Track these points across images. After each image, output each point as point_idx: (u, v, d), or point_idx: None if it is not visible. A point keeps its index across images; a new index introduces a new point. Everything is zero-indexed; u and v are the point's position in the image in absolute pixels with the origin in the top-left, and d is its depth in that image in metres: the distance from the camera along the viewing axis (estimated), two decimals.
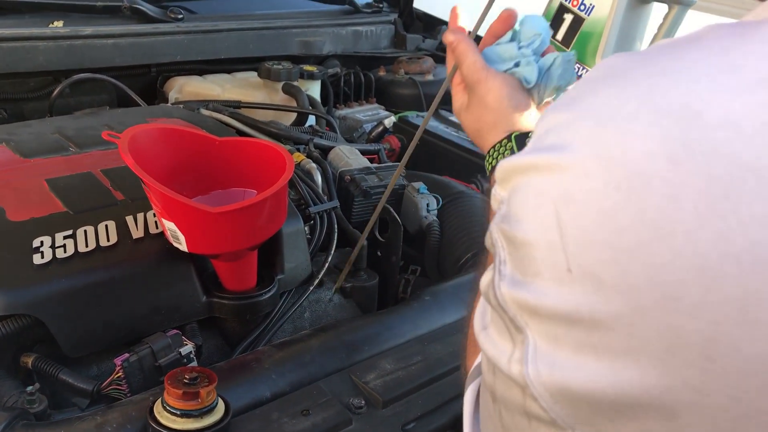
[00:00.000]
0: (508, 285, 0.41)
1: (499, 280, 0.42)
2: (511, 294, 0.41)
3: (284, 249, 1.05)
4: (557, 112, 0.42)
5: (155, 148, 0.97)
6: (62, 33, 1.48)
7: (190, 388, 0.73)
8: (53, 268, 0.88)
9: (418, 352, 0.91)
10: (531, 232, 0.40)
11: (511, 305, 0.41)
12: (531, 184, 0.41)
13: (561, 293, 0.38)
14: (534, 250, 0.39)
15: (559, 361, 0.38)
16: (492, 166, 0.82)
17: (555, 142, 0.40)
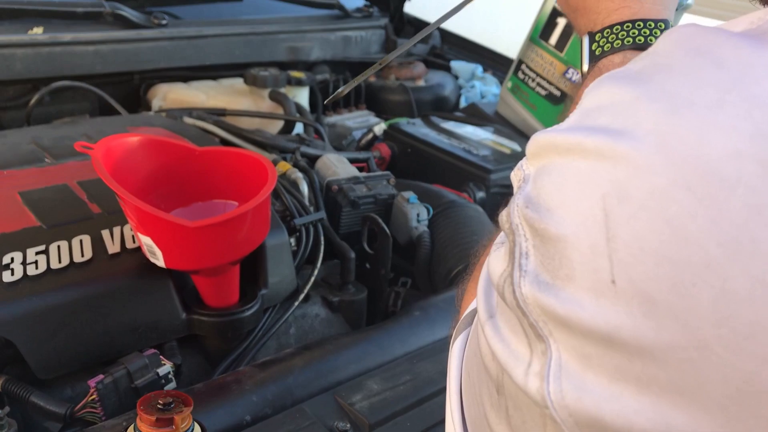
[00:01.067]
0: (532, 285, 0.34)
1: (520, 277, 0.35)
2: (534, 296, 0.34)
3: (268, 263, 1.01)
4: (616, 85, 0.35)
5: (132, 159, 0.94)
6: (41, 40, 1.44)
7: (164, 414, 0.69)
8: (24, 286, 0.85)
9: (406, 371, 0.87)
10: (568, 227, 0.33)
11: (533, 309, 0.34)
12: (573, 168, 0.34)
13: (600, 307, 0.31)
14: (570, 250, 0.33)
15: (589, 385, 0.32)
16: (619, 45, 0.65)
17: (611, 124, 0.34)
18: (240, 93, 1.62)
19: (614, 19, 0.65)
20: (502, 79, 1.87)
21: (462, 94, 2.00)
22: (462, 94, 2.00)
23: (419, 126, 1.65)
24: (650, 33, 0.63)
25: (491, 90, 1.99)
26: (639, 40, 0.63)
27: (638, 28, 0.64)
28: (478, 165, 1.45)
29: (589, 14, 0.68)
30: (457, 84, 2.02)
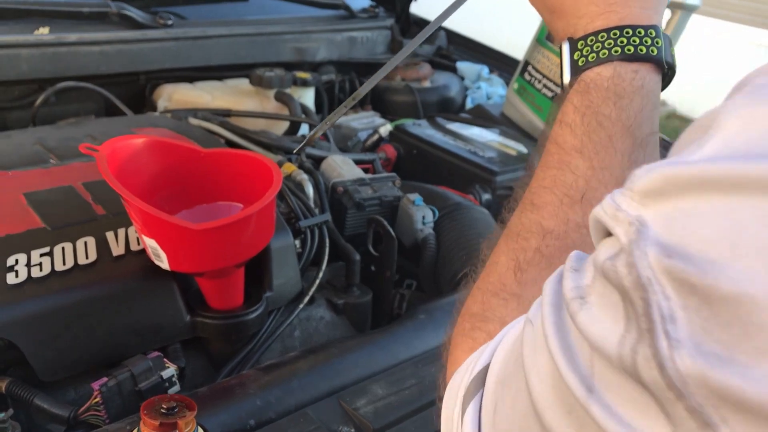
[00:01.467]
0: (695, 359, 0.27)
1: (669, 348, 0.28)
2: (702, 374, 0.27)
3: (273, 265, 1.01)
4: None
5: (137, 161, 0.93)
6: (47, 40, 1.44)
7: (168, 418, 0.69)
8: (28, 288, 0.84)
9: (411, 375, 0.87)
10: (754, 285, 0.26)
11: (698, 389, 0.27)
12: (747, 208, 0.27)
13: None
14: (762, 314, 0.26)
15: None
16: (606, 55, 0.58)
17: None
18: (245, 94, 1.62)
19: (599, 25, 0.59)
20: (508, 80, 1.86)
21: (468, 96, 1.99)
22: (468, 95, 1.99)
23: (425, 127, 1.64)
24: (640, 42, 0.57)
25: (497, 91, 1.98)
26: (628, 50, 0.57)
27: (627, 36, 0.57)
28: (483, 167, 1.45)
29: (568, 17, 0.61)
30: (463, 85, 2.01)
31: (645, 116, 0.57)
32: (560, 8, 0.61)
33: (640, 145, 0.57)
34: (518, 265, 0.55)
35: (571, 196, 0.55)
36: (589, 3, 0.59)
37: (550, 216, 0.56)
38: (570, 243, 0.55)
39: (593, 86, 0.57)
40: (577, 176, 0.56)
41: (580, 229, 0.55)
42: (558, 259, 0.53)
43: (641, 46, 0.56)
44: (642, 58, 0.57)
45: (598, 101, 0.57)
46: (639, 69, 0.57)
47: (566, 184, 0.56)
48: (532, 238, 0.56)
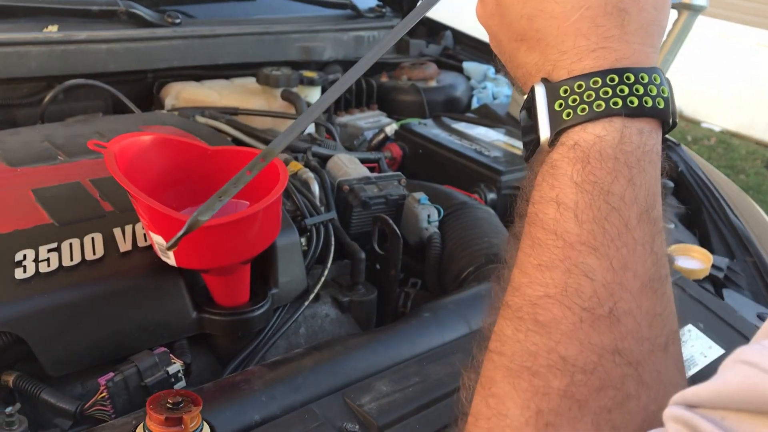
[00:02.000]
0: None
1: None
2: None
3: (278, 262, 1.01)
4: None
5: (144, 158, 0.94)
6: (56, 38, 1.45)
7: (173, 413, 0.69)
8: (36, 283, 0.85)
9: (415, 373, 0.87)
10: None
11: None
12: None
13: None
14: None
15: None
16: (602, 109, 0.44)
17: None
18: (252, 92, 1.62)
19: (590, 66, 0.45)
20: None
21: (474, 95, 1.99)
22: (474, 95, 2.00)
23: (431, 127, 1.65)
24: (645, 91, 0.44)
25: (503, 91, 1.98)
26: (631, 102, 0.44)
27: (628, 82, 0.44)
28: (489, 166, 1.45)
29: (545, 50, 0.47)
30: (468, 85, 2.02)
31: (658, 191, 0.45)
32: (534, 37, 0.48)
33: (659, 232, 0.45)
34: (542, 417, 0.41)
35: (593, 311, 0.42)
36: (577, 34, 0.45)
37: (568, 340, 0.42)
38: (606, 379, 0.41)
39: (594, 154, 0.44)
40: (595, 282, 0.42)
41: (614, 357, 0.41)
42: (595, 404, 0.41)
43: (646, 97, 0.44)
44: (648, 114, 0.45)
45: (606, 176, 0.43)
46: (645, 128, 0.45)
47: (583, 293, 0.42)
48: (552, 375, 0.42)
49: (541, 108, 0.47)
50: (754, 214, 1.55)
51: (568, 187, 0.44)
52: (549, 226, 0.44)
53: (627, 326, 0.41)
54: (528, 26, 0.48)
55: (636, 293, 0.41)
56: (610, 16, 0.45)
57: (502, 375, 0.43)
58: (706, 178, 1.56)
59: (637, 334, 0.41)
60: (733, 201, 1.53)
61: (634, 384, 0.40)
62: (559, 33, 0.46)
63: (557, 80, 0.46)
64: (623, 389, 0.40)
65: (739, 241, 1.39)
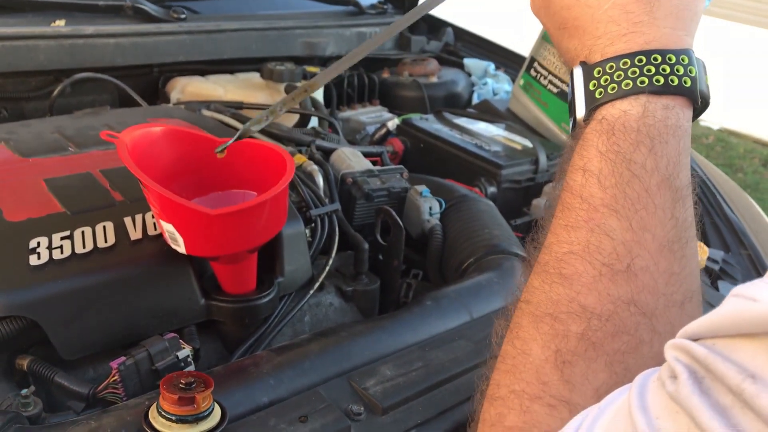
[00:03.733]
0: None
1: None
2: None
3: (284, 252, 1.04)
4: None
5: (154, 149, 0.96)
6: (64, 32, 1.47)
7: (186, 393, 0.72)
8: (50, 270, 0.87)
9: (418, 358, 0.90)
10: None
11: None
12: None
13: None
14: None
15: None
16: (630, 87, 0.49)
17: None
18: (256, 87, 1.65)
19: (620, 49, 0.50)
20: (514, 76, 1.89)
21: (474, 91, 2.02)
22: (474, 91, 2.02)
23: (432, 122, 1.67)
24: (671, 71, 0.48)
25: (503, 87, 2.01)
26: (657, 81, 0.48)
27: (655, 63, 0.48)
28: (489, 160, 1.48)
29: (582, 37, 0.52)
30: (469, 81, 2.04)
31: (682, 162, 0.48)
32: (573, 24, 0.52)
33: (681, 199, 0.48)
34: (560, 356, 0.46)
35: (612, 267, 0.46)
36: (609, 21, 0.50)
37: (588, 291, 0.46)
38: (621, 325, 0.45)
39: (619, 126, 0.48)
40: (614, 241, 0.46)
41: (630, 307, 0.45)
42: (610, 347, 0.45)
43: (672, 77, 0.48)
44: (673, 91, 0.48)
45: (628, 146, 0.47)
46: (670, 104, 0.48)
47: (603, 250, 0.46)
48: (571, 321, 0.46)
49: (579, 88, 0.52)
50: (749, 209, 1.58)
51: (594, 156, 0.49)
52: (576, 191, 0.49)
53: (643, 281, 0.45)
54: (567, 15, 0.53)
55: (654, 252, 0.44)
56: (640, 3, 0.49)
57: (528, 321, 0.48)
58: (703, 173, 1.59)
59: (653, 289, 0.45)
60: (729, 196, 1.56)
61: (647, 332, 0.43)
62: (594, 20, 0.51)
63: (592, 63, 0.51)
64: (636, 335, 0.44)
65: (735, 235, 1.42)
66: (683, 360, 0.34)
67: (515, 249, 1.19)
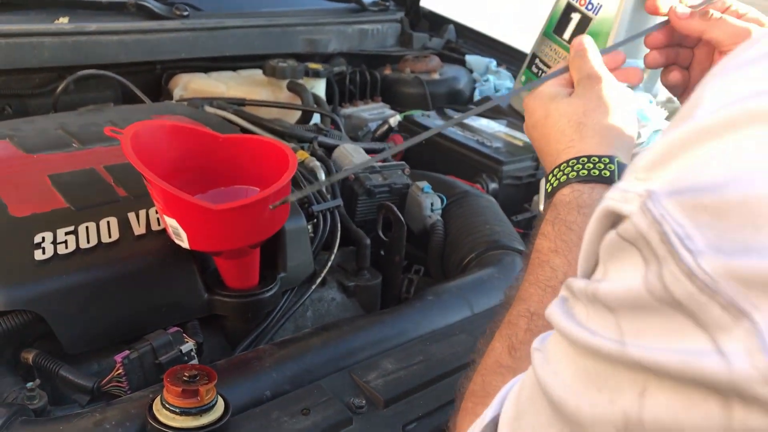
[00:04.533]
0: (717, 257, 0.31)
1: (693, 257, 0.31)
2: (728, 265, 0.30)
3: (287, 247, 1.04)
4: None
5: (158, 145, 0.97)
6: (67, 29, 1.48)
7: (190, 385, 0.73)
8: (54, 264, 0.88)
9: (420, 352, 0.90)
10: (757, 186, 0.31)
11: (727, 282, 0.30)
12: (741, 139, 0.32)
13: None
14: (763, 205, 0.30)
15: None
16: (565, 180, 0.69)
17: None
18: (259, 83, 1.65)
19: (563, 158, 0.71)
20: (515, 73, 1.89)
21: (476, 88, 2.02)
22: (476, 87, 2.02)
23: (434, 118, 1.68)
24: (593, 167, 0.68)
25: (505, 84, 2.01)
26: (582, 173, 0.68)
27: (582, 163, 0.69)
28: (491, 157, 1.48)
29: (546, 157, 0.74)
30: (471, 78, 2.04)
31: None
32: (542, 150, 0.76)
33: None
34: (512, 344, 0.62)
35: (553, 286, 0.64)
36: (556, 142, 0.72)
37: (536, 303, 0.64)
38: None
39: (559, 202, 0.69)
40: (555, 270, 0.65)
41: None
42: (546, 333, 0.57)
43: (594, 170, 0.68)
44: (595, 180, 0.67)
45: (564, 212, 0.68)
46: (595, 187, 0.67)
47: (547, 276, 0.65)
48: (521, 321, 0.63)
49: (541, 190, 0.77)
50: None
51: (544, 224, 0.69)
52: (534, 248, 0.69)
53: None
54: (538, 145, 0.77)
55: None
56: (572, 128, 0.71)
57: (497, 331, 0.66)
58: None
59: None
60: None
61: None
62: (548, 146, 0.74)
63: (548, 172, 0.73)
64: None
65: None
66: (563, 294, 0.45)
67: (516, 245, 1.19)
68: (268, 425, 0.76)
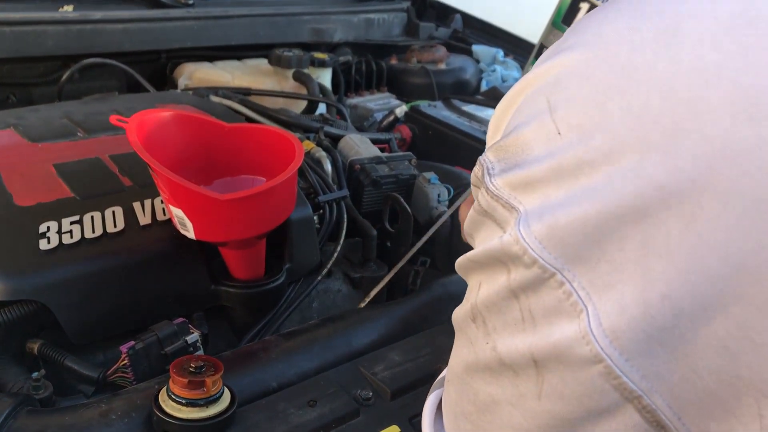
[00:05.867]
0: (500, 175, 0.46)
1: (489, 180, 0.46)
2: (503, 179, 0.45)
3: (293, 238, 1.04)
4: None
5: (164, 134, 0.96)
6: (72, 17, 1.47)
7: (196, 376, 0.72)
8: (60, 254, 0.88)
9: (426, 344, 0.90)
10: (524, 127, 0.45)
11: (504, 190, 0.45)
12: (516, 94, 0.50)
13: (551, 154, 0.43)
14: (526, 138, 0.45)
15: (547, 210, 0.42)
16: None
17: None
18: (264, 73, 1.64)
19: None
20: (523, 63, 1.88)
21: (483, 78, 2.01)
22: (483, 77, 2.01)
23: (440, 108, 1.67)
24: None
25: (512, 74, 2.00)
26: None
27: None
28: None
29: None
30: (478, 68, 2.03)
31: None
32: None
33: None
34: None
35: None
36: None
37: None
38: None
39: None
40: None
41: None
42: None
43: None
44: None
45: None
46: None
47: None
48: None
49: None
50: None
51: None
52: None
53: None
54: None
55: None
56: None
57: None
58: None
59: None
60: None
61: None
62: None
63: None
64: None
65: None
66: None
67: None
68: (275, 417, 0.75)
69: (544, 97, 0.44)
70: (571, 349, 0.41)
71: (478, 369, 0.49)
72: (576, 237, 0.40)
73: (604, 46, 0.44)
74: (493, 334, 0.46)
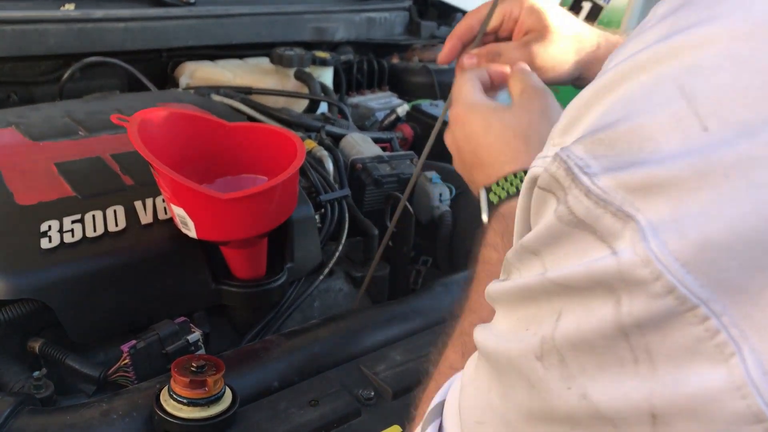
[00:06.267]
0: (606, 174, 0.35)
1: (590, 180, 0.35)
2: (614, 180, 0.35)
3: (294, 237, 1.04)
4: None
5: (165, 133, 0.96)
6: (73, 16, 1.47)
7: (197, 376, 0.72)
8: (61, 253, 0.87)
9: (428, 343, 0.89)
10: (642, 116, 0.35)
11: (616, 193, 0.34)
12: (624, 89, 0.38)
13: (692, 150, 0.33)
14: (648, 130, 0.35)
15: (687, 222, 0.32)
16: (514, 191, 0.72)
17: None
18: (266, 72, 1.64)
19: (508, 170, 0.72)
20: None
21: None
22: None
23: (442, 108, 1.66)
24: None
25: None
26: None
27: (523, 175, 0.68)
28: None
29: (484, 168, 0.75)
30: None
31: None
32: (479, 162, 0.77)
33: None
34: (465, 351, 0.62)
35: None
36: (500, 153, 0.74)
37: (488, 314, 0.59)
38: None
39: (508, 215, 0.69)
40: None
41: None
42: None
43: None
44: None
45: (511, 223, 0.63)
46: None
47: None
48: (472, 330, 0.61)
49: (484, 202, 0.76)
50: None
51: (491, 234, 0.72)
52: (481, 259, 0.72)
53: None
54: (474, 158, 0.78)
55: None
56: (519, 140, 0.73)
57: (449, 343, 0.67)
58: None
59: None
60: None
61: None
62: (490, 157, 0.75)
63: (491, 182, 0.74)
64: None
65: None
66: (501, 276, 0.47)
67: None
68: (276, 416, 0.75)
69: (671, 82, 0.36)
70: (717, 403, 0.31)
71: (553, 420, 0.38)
72: (732, 259, 0.31)
73: (762, 24, 0.35)
74: (581, 378, 0.36)
